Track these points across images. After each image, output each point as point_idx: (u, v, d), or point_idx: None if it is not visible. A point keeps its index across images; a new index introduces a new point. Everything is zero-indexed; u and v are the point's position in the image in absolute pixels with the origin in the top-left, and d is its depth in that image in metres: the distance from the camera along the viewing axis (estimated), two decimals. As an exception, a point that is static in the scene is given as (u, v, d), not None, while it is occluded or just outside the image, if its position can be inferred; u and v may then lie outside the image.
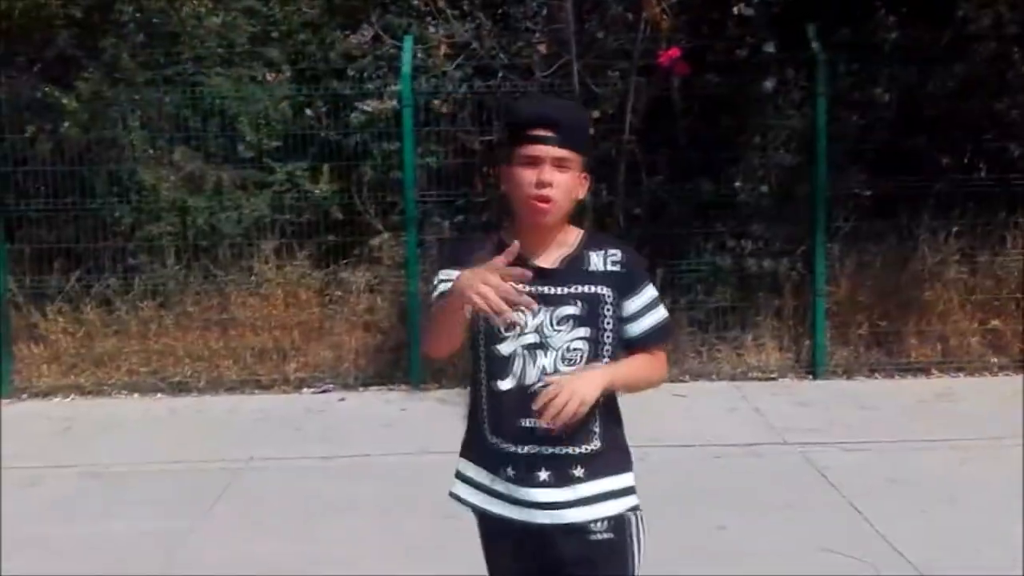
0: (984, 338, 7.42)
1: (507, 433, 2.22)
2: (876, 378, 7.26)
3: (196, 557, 4.44)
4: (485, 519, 2.32)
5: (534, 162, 2.16)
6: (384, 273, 7.66)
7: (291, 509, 5.00)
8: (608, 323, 2.24)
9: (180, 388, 7.17)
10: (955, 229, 7.54)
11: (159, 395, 7.14)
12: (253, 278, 7.49)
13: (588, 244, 2.28)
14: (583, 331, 2.21)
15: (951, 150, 7.95)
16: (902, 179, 7.49)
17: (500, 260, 2.02)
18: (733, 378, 7.22)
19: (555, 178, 2.15)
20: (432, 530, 4.32)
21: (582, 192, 2.25)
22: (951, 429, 6.01)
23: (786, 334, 7.46)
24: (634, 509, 2.29)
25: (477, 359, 2.26)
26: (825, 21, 7.54)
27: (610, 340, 2.25)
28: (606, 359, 2.24)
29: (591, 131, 2.57)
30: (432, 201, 7.68)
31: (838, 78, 7.66)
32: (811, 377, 7.25)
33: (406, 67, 7.16)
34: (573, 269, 2.24)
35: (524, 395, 2.17)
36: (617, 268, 2.26)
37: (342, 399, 6.98)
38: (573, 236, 2.29)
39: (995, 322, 7.42)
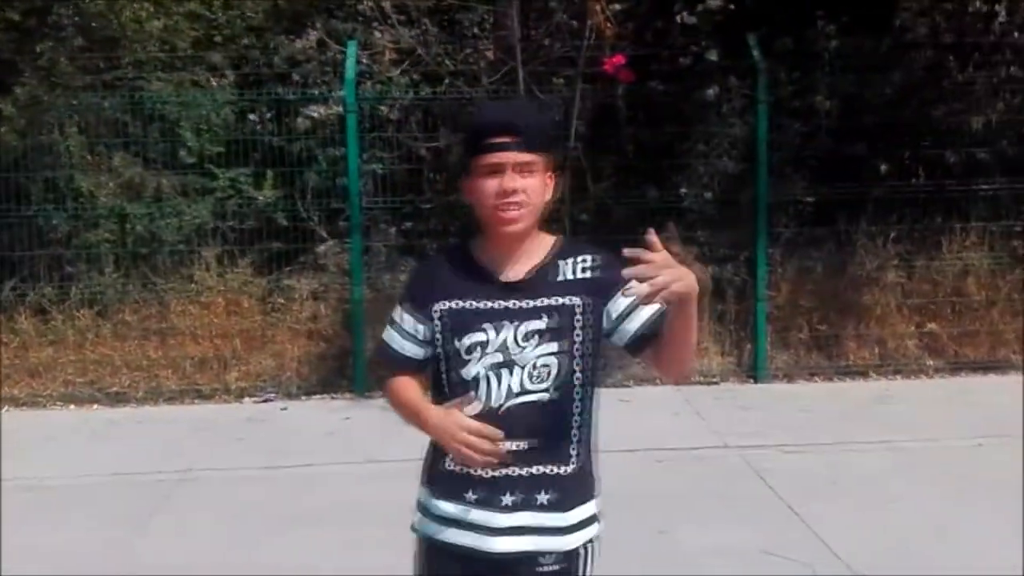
0: (921, 341, 7.56)
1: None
2: (816, 381, 7.36)
3: (132, 570, 4.38)
4: (435, 548, 2.17)
5: (496, 170, 2.04)
6: (328, 280, 7.64)
7: (232, 520, 4.95)
8: (580, 335, 2.09)
9: (118, 399, 7.08)
10: (893, 234, 7.69)
11: (96, 406, 7.04)
12: (193, 286, 7.44)
13: (560, 253, 2.14)
14: (552, 346, 2.07)
15: (889, 157, 8.08)
16: (842, 186, 7.63)
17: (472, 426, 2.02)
18: (676, 383, 7.27)
19: (520, 184, 2.04)
20: (377, 540, 4.30)
21: (550, 194, 2.13)
22: (888, 431, 6.11)
23: (728, 339, 7.55)
24: (591, 540, 2.18)
25: (439, 384, 2.14)
26: (767, 30, 7.66)
27: (585, 353, 2.09)
28: (580, 374, 2.09)
29: (553, 128, 2.41)
30: (379, 208, 7.66)
31: (779, 86, 7.77)
32: (752, 381, 7.34)
33: (350, 72, 7.15)
34: (541, 281, 2.11)
35: (493, 418, 2.04)
36: (589, 274, 2.11)
37: (284, 408, 6.94)
38: (545, 245, 2.16)
39: (931, 325, 7.57)
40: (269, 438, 6.31)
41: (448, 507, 2.13)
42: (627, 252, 1.88)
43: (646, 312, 2.07)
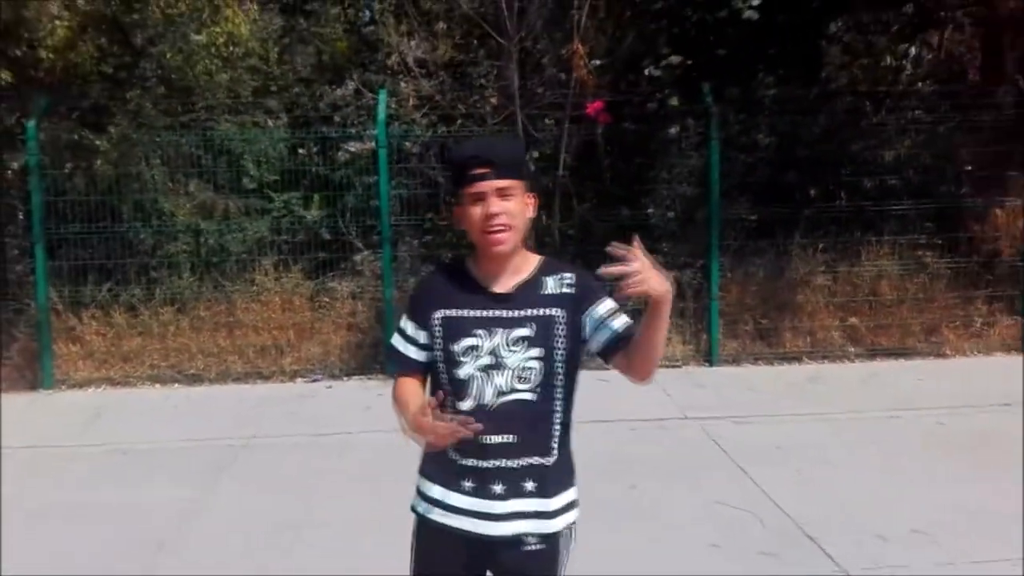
0: (844, 332, 7.50)
1: (468, 450, 1.97)
2: (759, 365, 7.30)
3: (207, 519, 4.35)
4: (432, 530, 2.06)
5: (479, 198, 1.97)
6: (364, 283, 7.59)
7: (287, 478, 4.92)
8: (560, 343, 2.01)
9: (194, 379, 7.02)
10: (821, 246, 7.64)
11: (176, 385, 6.99)
12: (255, 288, 7.37)
13: (544, 270, 2.07)
14: (536, 351, 1.99)
15: (817, 183, 8.06)
16: (779, 206, 7.60)
17: (444, 426, 1.89)
18: (643, 383, 7.21)
19: (501, 207, 1.97)
20: (402, 493, 4.26)
21: (531, 211, 2.05)
22: (820, 405, 6.08)
23: (688, 330, 7.50)
24: (572, 523, 2.10)
25: (438, 383, 2.05)
26: (718, 81, 7.63)
27: (562, 359, 2.01)
28: (560, 377, 2.02)
29: (525, 156, 2.33)
30: (404, 224, 7.62)
31: (728, 126, 7.73)
32: (708, 365, 7.28)
33: (381, 115, 7.11)
34: (527, 294, 2.03)
35: (484, 413, 1.95)
36: (570, 290, 2.04)
37: (329, 387, 6.90)
38: (531, 263, 2.07)
39: (852, 319, 7.52)
40: (316, 411, 6.27)
41: (445, 493, 2.04)
42: (613, 249, 1.83)
43: (618, 323, 2.02)
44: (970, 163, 7.98)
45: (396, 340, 2.12)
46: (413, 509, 2.11)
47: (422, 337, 2.07)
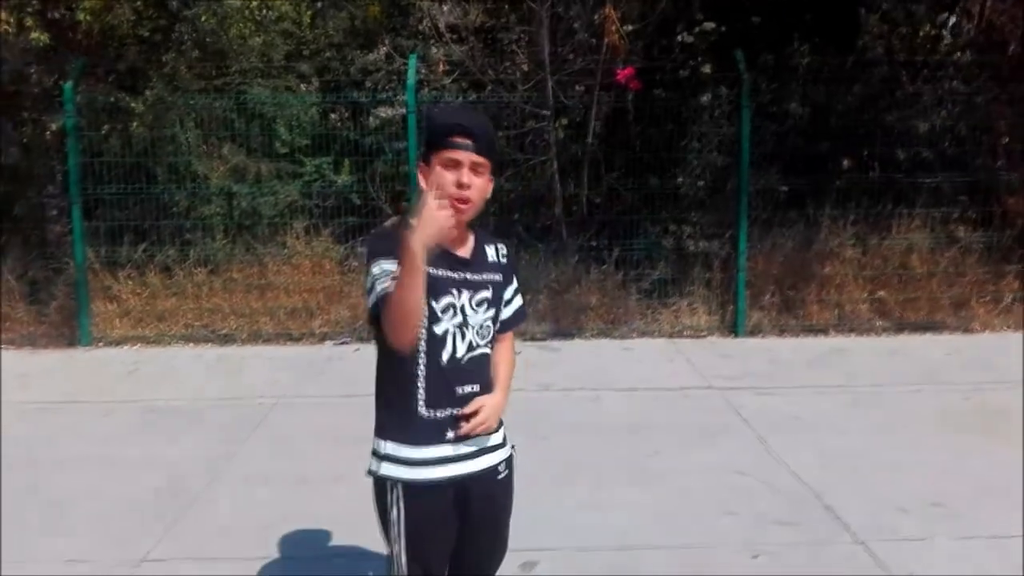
0: (872, 306, 7.44)
1: (445, 401, 2.08)
2: (784, 337, 7.26)
3: (237, 474, 4.47)
4: (422, 488, 2.10)
5: (455, 165, 2.01)
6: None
7: (315, 436, 5.02)
8: (502, 305, 2.23)
9: (226, 339, 7.14)
10: (851, 218, 7.56)
11: (209, 345, 7.11)
12: (286, 251, 7.45)
13: (482, 239, 2.21)
14: (490, 312, 2.17)
15: (850, 154, 7.95)
16: (810, 177, 7.51)
17: (431, 195, 1.93)
18: (671, 336, 7.24)
19: (473, 181, 2.02)
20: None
21: (489, 193, 2.11)
22: (843, 378, 6.05)
23: (714, 301, 7.47)
24: (514, 447, 2.30)
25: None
26: (751, 48, 7.52)
27: (500, 319, 2.23)
28: (496, 330, 2.22)
29: (496, 139, 2.38)
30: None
31: (760, 94, 7.64)
32: (733, 335, 7.25)
33: (411, 80, 7.10)
34: (480, 259, 2.17)
35: (457, 366, 2.10)
36: (504, 260, 2.23)
37: (357, 349, 6.97)
38: (470, 231, 2.18)
39: (881, 293, 7.45)
40: (344, 373, 6.35)
41: (432, 451, 2.10)
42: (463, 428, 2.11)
43: (514, 305, 2.27)
44: (1007, 135, 7.81)
45: (388, 284, 1.96)
46: (385, 478, 2.12)
47: None
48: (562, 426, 5.01)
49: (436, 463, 2.11)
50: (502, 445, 2.24)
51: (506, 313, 2.26)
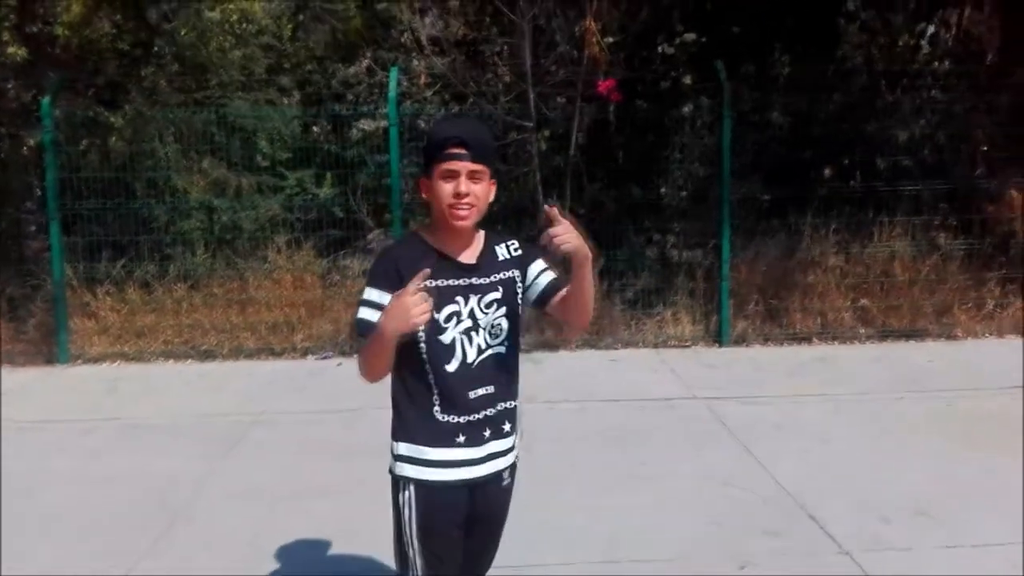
0: (854, 313, 7.47)
1: (459, 407, 2.12)
2: (769, 345, 7.27)
3: (220, 490, 4.41)
4: (434, 489, 2.14)
5: (452, 176, 2.07)
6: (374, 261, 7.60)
7: (296, 452, 4.97)
8: (519, 299, 2.24)
9: (207, 355, 7.08)
10: (833, 226, 7.59)
11: (189, 361, 7.05)
12: (267, 265, 7.41)
13: (492, 240, 2.26)
14: (503, 310, 2.19)
15: (831, 163, 8.00)
16: (792, 186, 7.54)
17: (412, 286, 1.94)
18: (655, 345, 7.23)
19: (471, 189, 2.08)
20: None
21: (491, 196, 2.17)
22: (827, 386, 6.05)
23: (698, 310, 7.48)
24: (518, 457, 2.30)
25: (418, 353, 2.10)
26: (732, 58, 7.55)
27: (519, 313, 2.24)
28: (518, 328, 2.23)
29: (493, 141, 2.46)
30: (416, 203, 7.62)
31: (741, 104, 7.67)
32: (717, 345, 7.26)
33: (392, 93, 7.09)
34: (489, 261, 2.21)
35: (468, 371, 2.13)
36: (517, 252, 2.26)
37: (339, 364, 6.92)
38: (479, 236, 2.24)
39: (863, 301, 7.47)
40: (326, 388, 6.31)
41: (442, 452, 2.14)
42: (547, 209, 2.08)
43: (548, 277, 2.26)
44: (986, 144, 7.88)
45: (370, 314, 2.07)
46: (401, 475, 2.17)
47: None
48: (547, 438, 4.98)
49: (449, 465, 2.15)
50: (510, 451, 2.25)
51: (543, 282, 2.24)
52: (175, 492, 4.36)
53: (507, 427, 2.22)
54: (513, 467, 2.29)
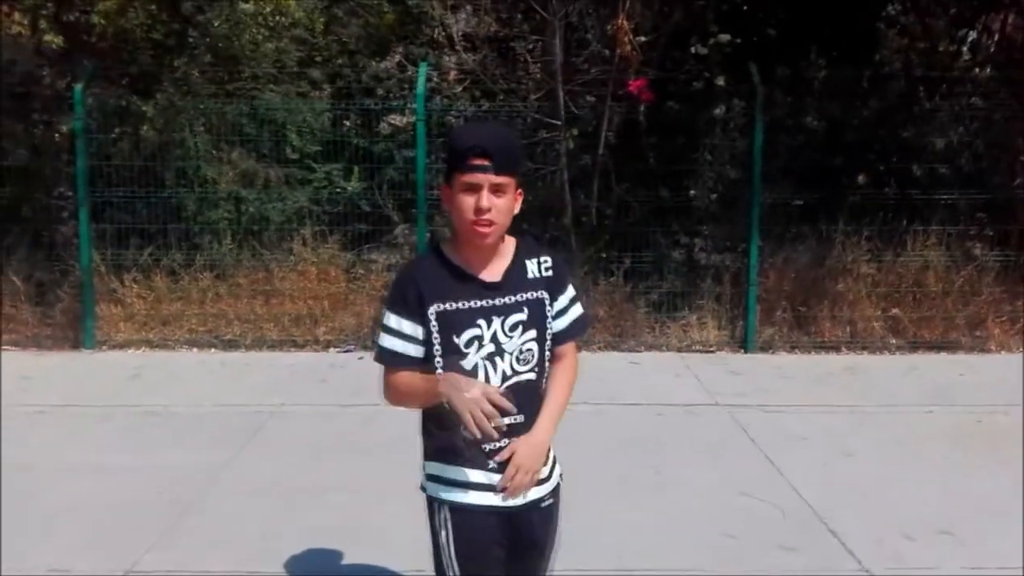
0: (885, 323, 7.29)
1: (486, 433, 1.99)
2: (796, 353, 7.13)
3: (233, 483, 4.40)
4: (470, 512, 2.06)
5: (474, 188, 1.94)
6: (401, 256, 7.58)
7: (313, 445, 4.95)
8: (549, 323, 2.09)
9: (230, 345, 7.08)
10: (865, 233, 7.42)
11: (213, 350, 7.06)
12: (293, 257, 7.40)
13: (523, 253, 2.10)
14: (532, 333, 2.04)
15: (865, 169, 7.82)
16: (824, 192, 7.39)
17: (497, 396, 1.94)
18: (679, 350, 7.12)
19: (493, 203, 1.95)
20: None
21: (517, 207, 2.04)
22: (853, 397, 5.91)
23: (724, 315, 7.35)
24: (561, 475, 2.22)
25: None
26: (766, 60, 7.42)
27: (551, 337, 2.10)
28: (547, 355, 2.08)
29: (520, 150, 2.34)
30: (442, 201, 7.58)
31: (775, 107, 7.53)
32: (743, 351, 7.13)
33: (420, 88, 7.05)
34: (515, 278, 2.06)
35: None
36: (548, 272, 2.10)
37: (361, 358, 6.90)
38: (509, 247, 2.09)
39: (895, 310, 7.29)
40: (347, 381, 6.28)
41: (475, 475, 2.05)
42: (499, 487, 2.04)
43: (572, 315, 2.15)
44: (1026, 153, 7.67)
45: (391, 342, 2.03)
46: (434, 496, 2.11)
47: (421, 333, 2.02)
48: (560, 440, 4.89)
49: (479, 488, 2.05)
50: (545, 481, 2.14)
51: (560, 324, 2.12)
52: (187, 483, 4.34)
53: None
54: (556, 489, 2.19)
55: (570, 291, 2.15)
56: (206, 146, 7.52)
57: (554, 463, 2.21)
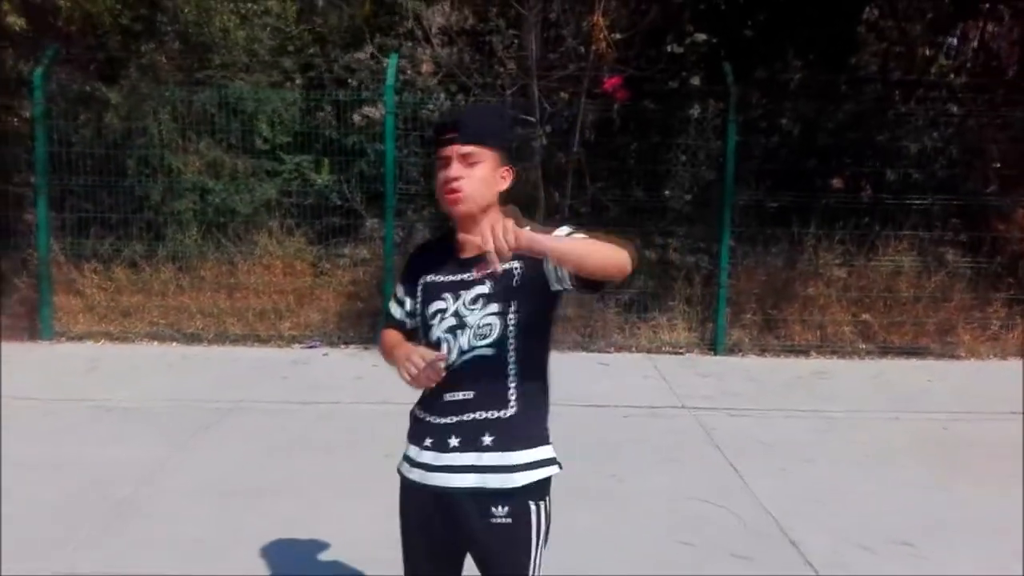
0: (855, 328, 7.21)
1: (434, 408, 1.99)
2: (765, 356, 7.03)
3: (175, 480, 4.23)
4: (406, 491, 2.06)
5: (445, 162, 1.95)
6: (369, 251, 7.42)
7: (265, 444, 4.78)
8: (518, 295, 1.92)
9: (192, 339, 6.92)
10: (837, 237, 7.33)
11: (174, 344, 6.89)
12: (258, 250, 7.22)
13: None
14: (494, 307, 1.94)
15: (839, 172, 7.75)
16: (797, 194, 7.29)
17: (425, 356, 1.90)
18: (649, 351, 7.01)
19: (462, 172, 1.93)
20: (383, 465, 4.10)
21: (503, 184, 1.98)
22: (821, 402, 5.82)
23: (694, 317, 7.25)
24: (542, 497, 1.99)
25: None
26: (742, 61, 7.31)
27: (521, 310, 1.92)
28: (518, 329, 1.92)
29: (505, 128, 2.27)
30: (414, 193, 7.42)
31: (750, 108, 7.42)
32: (712, 353, 7.03)
33: (390, 81, 6.89)
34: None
35: (449, 371, 1.93)
36: None
37: (325, 354, 6.77)
38: (495, 222, 1.92)
39: (865, 315, 7.22)
40: (309, 378, 6.14)
41: (414, 450, 2.04)
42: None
43: (579, 234, 1.93)
44: (999, 160, 7.59)
45: (391, 305, 2.17)
46: (398, 471, 2.12)
47: (408, 303, 2.11)
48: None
49: (414, 464, 2.03)
50: (504, 468, 1.93)
51: (566, 274, 1.85)
52: (126, 481, 4.17)
53: (488, 440, 1.93)
54: (519, 507, 1.95)
55: (563, 230, 1.90)
56: (172, 135, 7.31)
57: (538, 465, 1.99)
